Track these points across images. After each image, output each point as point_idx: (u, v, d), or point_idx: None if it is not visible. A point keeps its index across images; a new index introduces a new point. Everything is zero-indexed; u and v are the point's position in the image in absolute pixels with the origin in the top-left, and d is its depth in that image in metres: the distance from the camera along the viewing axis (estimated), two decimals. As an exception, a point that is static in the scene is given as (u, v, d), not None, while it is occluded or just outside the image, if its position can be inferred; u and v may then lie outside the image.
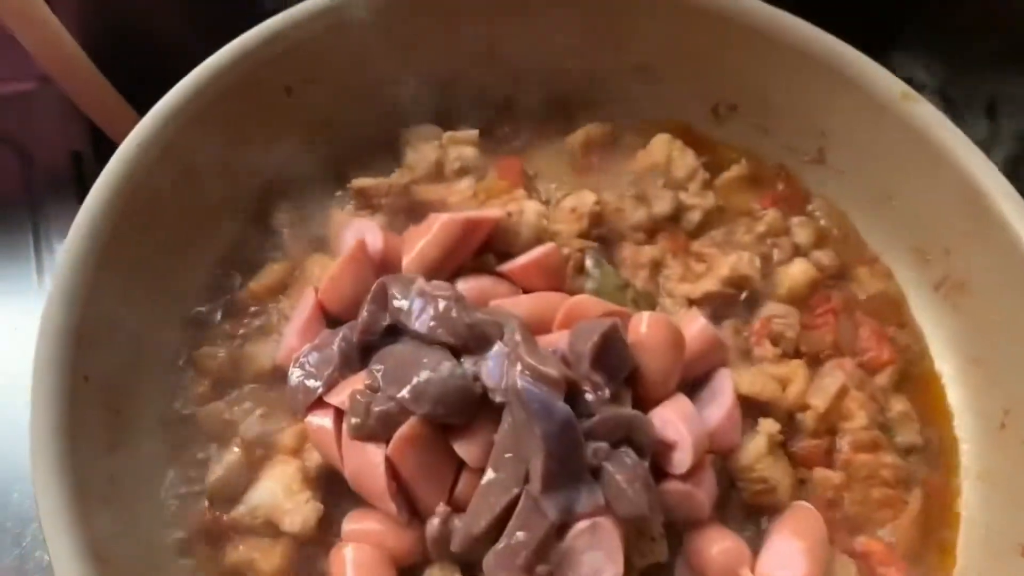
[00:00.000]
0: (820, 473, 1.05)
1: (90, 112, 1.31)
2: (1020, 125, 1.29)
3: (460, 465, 0.94)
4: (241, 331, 1.10)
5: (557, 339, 0.98)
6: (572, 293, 1.06)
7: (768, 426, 1.02)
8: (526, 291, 1.08)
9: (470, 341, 0.94)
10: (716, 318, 1.13)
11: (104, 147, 1.00)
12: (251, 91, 1.11)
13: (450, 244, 1.05)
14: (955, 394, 1.15)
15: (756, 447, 1.01)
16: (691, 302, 1.13)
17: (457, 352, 0.95)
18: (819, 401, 1.07)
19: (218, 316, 1.11)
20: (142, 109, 1.04)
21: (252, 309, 1.11)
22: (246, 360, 1.07)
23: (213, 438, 1.02)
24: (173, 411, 1.05)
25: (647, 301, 1.13)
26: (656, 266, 1.17)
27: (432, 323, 0.96)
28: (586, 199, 1.16)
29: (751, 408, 1.04)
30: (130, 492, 0.95)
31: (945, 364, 1.17)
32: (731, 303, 1.14)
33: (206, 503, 0.99)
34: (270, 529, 0.96)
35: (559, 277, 1.09)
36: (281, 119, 1.15)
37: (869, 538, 1.04)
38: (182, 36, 1.31)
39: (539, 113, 1.30)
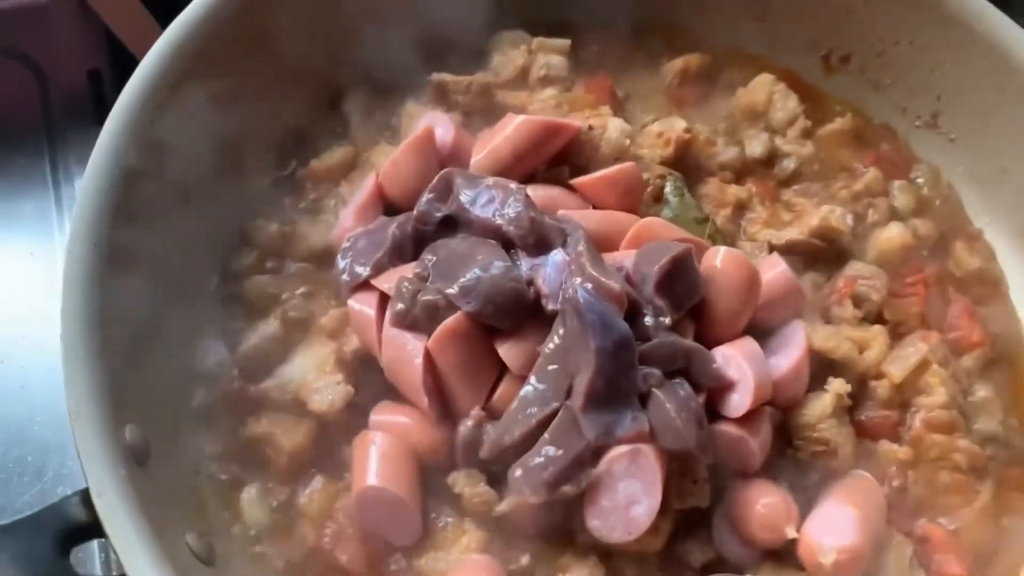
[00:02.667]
0: (886, 446, 0.96)
1: (111, 23, 1.22)
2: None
3: (501, 371, 0.88)
4: (296, 209, 1.06)
5: (623, 258, 0.92)
6: (645, 218, 0.99)
7: (838, 386, 0.94)
8: (597, 208, 1.01)
9: (530, 238, 0.89)
10: (797, 270, 1.04)
11: (123, 65, 0.92)
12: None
13: (525, 146, 0.99)
14: (1047, 389, 1.06)
15: (822, 405, 0.93)
16: (773, 248, 1.05)
17: (513, 251, 0.90)
18: (896, 370, 0.98)
19: (275, 192, 1.07)
20: (164, 22, 0.99)
21: (310, 188, 1.07)
22: (298, 237, 1.03)
23: (253, 310, 0.99)
24: (218, 278, 1.02)
25: (725, 240, 1.05)
26: (740, 207, 1.09)
27: (495, 211, 0.91)
28: (676, 125, 1.09)
29: (822, 367, 0.96)
30: (162, 352, 0.92)
31: (1040, 356, 1.07)
32: (816, 256, 1.06)
33: (235, 372, 0.95)
34: (296, 407, 0.92)
35: (634, 199, 1.02)
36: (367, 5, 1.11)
37: (930, 523, 0.95)
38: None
39: (639, 36, 1.23)
